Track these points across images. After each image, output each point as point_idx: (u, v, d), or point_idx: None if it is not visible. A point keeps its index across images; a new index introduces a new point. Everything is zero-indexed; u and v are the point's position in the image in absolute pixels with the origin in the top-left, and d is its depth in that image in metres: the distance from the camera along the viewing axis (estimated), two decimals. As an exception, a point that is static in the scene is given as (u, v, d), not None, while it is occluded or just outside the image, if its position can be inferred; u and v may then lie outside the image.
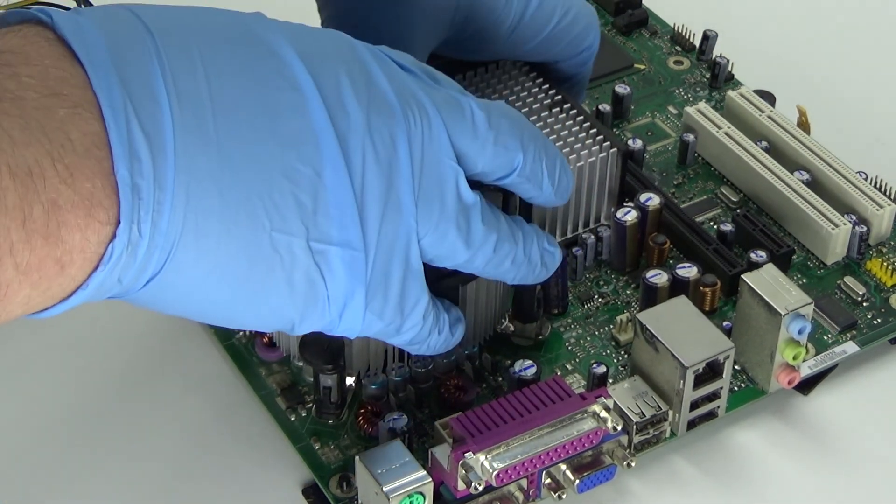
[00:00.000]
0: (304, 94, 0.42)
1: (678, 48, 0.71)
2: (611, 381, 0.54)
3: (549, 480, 0.50)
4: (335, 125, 0.43)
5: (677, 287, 0.56)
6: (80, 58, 0.39)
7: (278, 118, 0.42)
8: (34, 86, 0.38)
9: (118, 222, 0.39)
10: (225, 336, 0.57)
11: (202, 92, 0.40)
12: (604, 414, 0.49)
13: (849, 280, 0.59)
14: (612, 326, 0.57)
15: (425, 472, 0.48)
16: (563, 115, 0.59)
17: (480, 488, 0.48)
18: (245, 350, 0.56)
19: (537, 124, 0.58)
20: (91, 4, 0.56)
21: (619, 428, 0.50)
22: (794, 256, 0.60)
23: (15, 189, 0.37)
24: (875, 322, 0.58)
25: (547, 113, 0.59)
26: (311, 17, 0.55)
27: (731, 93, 0.65)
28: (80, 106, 0.38)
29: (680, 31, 0.71)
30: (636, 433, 0.51)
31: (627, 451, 0.51)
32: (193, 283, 0.42)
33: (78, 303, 0.40)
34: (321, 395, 0.53)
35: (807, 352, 0.55)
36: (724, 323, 0.56)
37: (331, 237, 0.43)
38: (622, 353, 0.56)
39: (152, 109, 0.39)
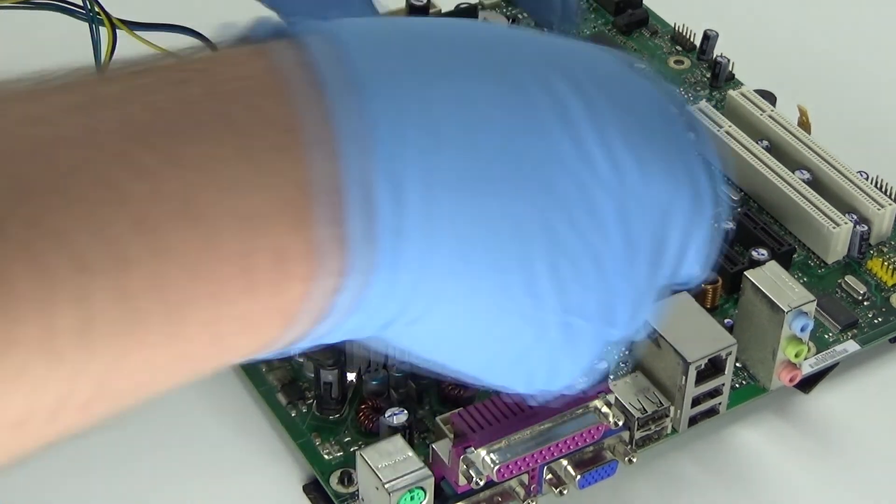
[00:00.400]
0: (583, 147, 0.37)
1: (679, 48, 0.71)
2: (612, 377, 0.54)
3: (550, 476, 0.50)
4: (616, 186, 0.37)
5: (679, 284, 0.56)
6: (328, 95, 0.34)
7: (548, 175, 0.36)
8: (274, 121, 0.34)
9: (348, 274, 0.34)
10: (225, 332, 0.57)
11: (459, 138, 0.35)
12: (605, 409, 0.49)
13: (849, 279, 0.59)
14: (613, 324, 0.57)
15: (426, 467, 0.48)
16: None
17: (482, 483, 0.48)
18: (245, 346, 0.56)
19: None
20: (99, 3, 0.56)
21: (620, 423, 0.50)
22: (795, 255, 0.60)
23: (237, 239, 0.33)
24: (876, 321, 0.58)
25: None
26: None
27: (731, 92, 0.65)
28: (316, 145, 0.34)
29: (680, 30, 0.71)
30: (637, 429, 0.51)
31: (629, 446, 0.51)
32: (421, 340, 0.38)
33: (295, 352, 0.36)
34: (322, 390, 0.53)
35: (808, 350, 0.55)
36: (726, 321, 0.56)
37: (585, 312, 0.38)
38: (623, 349, 0.56)
39: (399, 153, 0.34)
